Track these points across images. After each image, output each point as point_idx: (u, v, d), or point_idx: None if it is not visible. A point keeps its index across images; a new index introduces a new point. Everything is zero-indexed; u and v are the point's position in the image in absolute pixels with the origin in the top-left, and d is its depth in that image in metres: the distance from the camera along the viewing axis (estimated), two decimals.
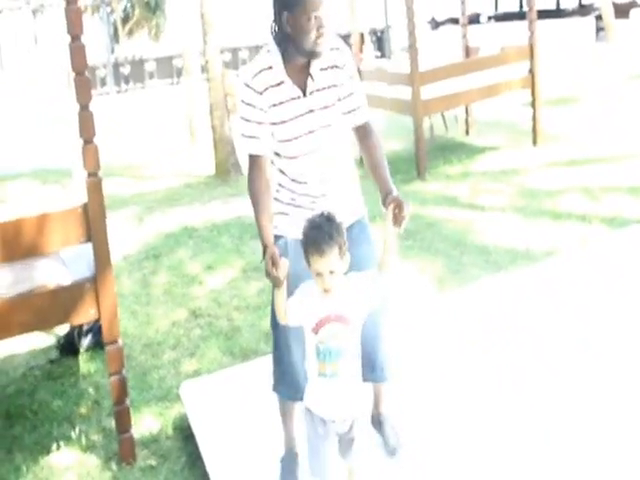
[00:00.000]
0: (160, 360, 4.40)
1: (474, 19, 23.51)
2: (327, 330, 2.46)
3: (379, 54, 26.93)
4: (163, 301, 5.34)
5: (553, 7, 24.31)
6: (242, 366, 3.96)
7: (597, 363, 3.61)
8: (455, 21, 22.51)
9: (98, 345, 4.52)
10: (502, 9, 26.10)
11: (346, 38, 26.83)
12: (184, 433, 3.57)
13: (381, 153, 2.85)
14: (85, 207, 3.17)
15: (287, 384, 2.92)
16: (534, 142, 9.10)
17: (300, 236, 2.50)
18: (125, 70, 23.78)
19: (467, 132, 10.26)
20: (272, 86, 2.65)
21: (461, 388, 3.50)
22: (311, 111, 2.70)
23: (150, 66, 24.14)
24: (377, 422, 3.19)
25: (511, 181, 7.60)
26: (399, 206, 2.57)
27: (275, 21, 2.64)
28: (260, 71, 2.65)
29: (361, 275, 2.54)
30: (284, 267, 2.48)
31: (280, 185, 2.86)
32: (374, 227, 3.09)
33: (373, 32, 26.79)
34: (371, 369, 2.96)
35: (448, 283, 5.08)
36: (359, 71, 9.25)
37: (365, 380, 2.76)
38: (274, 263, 2.48)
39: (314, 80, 2.69)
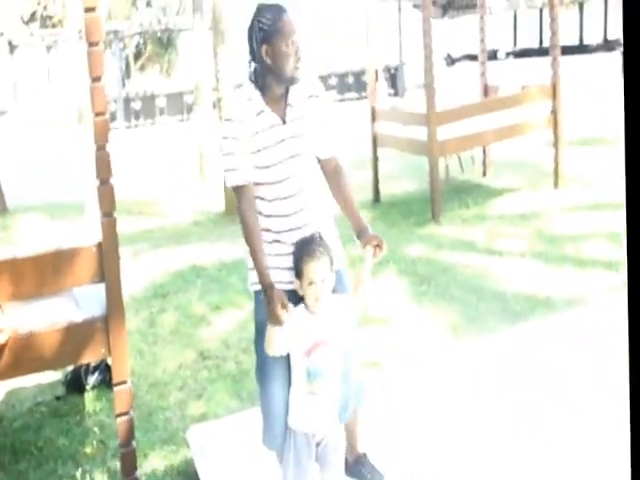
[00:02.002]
0: (166, 401, 4.49)
1: (491, 55, 23.72)
2: (319, 353, 2.79)
3: (392, 92, 27.20)
4: (170, 341, 5.44)
5: (576, 42, 24.45)
6: (250, 411, 4.03)
7: (622, 426, 3.63)
8: (472, 57, 22.69)
9: (105, 383, 4.62)
10: (521, 45, 26.25)
11: (359, 75, 27.26)
12: (189, 479, 3.64)
13: (351, 189, 3.09)
14: (99, 246, 3.29)
15: (273, 437, 3.01)
16: (555, 184, 9.16)
17: (283, 287, 2.80)
18: (136, 105, 24.11)
19: (484, 173, 10.36)
20: (251, 115, 2.86)
21: (473, 444, 3.53)
22: (293, 137, 2.91)
23: (161, 102, 24.49)
24: (355, 466, 3.28)
25: (531, 225, 7.68)
26: (379, 245, 2.93)
27: (252, 59, 2.87)
28: (240, 102, 2.89)
29: (341, 297, 2.88)
30: (289, 307, 2.75)
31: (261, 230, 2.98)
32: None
33: (387, 69, 26.99)
34: (342, 409, 3.02)
35: (463, 332, 5.12)
36: (373, 110, 9.41)
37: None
38: (284, 306, 2.74)
39: (293, 107, 2.91)
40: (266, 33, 2.80)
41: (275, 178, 2.90)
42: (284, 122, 2.89)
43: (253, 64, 2.88)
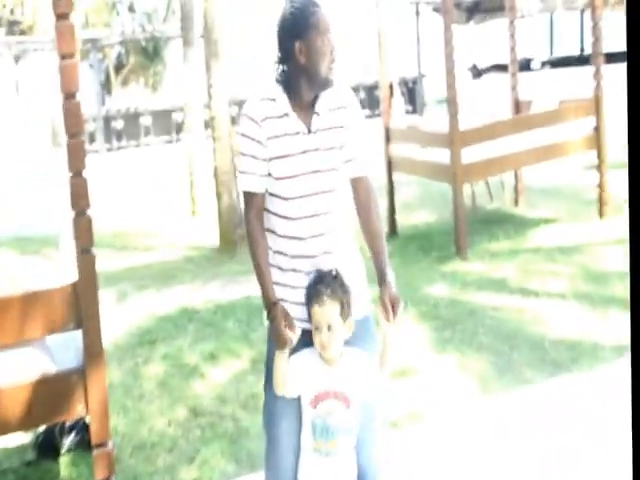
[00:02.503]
0: (154, 465, 4.47)
1: (524, 65, 23.81)
2: (326, 406, 2.80)
3: (410, 108, 27.26)
4: (158, 395, 5.42)
5: (623, 49, 24.62)
6: (249, 477, 4.01)
7: None
8: (501, 68, 22.74)
9: (82, 445, 4.57)
10: (558, 53, 26.31)
11: (371, 90, 27.37)
12: None
13: (379, 218, 3.10)
14: (76, 287, 3.28)
15: None
16: (600, 214, 9.18)
17: (296, 323, 2.81)
18: (117, 125, 24.29)
19: (516, 202, 10.40)
20: (273, 117, 2.90)
21: None
22: (317, 149, 2.94)
23: (146, 120, 24.67)
24: None
25: (572, 261, 7.69)
26: (393, 303, 2.89)
27: (282, 59, 2.92)
28: (262, 100, 2.93)
29: (365, 354, 2.86)
30: (297, 328, 2.76)
31: (270, 249, 3.02)
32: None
33: (403, 82, 27.15)
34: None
35: (494, 385, 5.10)
36: (387, 129, 9.51)
37: None
38: (288, 322, 2.78)
39: (320, 117, 2.95)
40: (301, 28, 2.85)
41: (293, 193, 2.94)
42: (309, 131, 2.94)
43: (281, 65, 2.94)
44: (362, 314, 3.04)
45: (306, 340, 2.85)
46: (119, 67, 29.35)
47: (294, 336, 2.80)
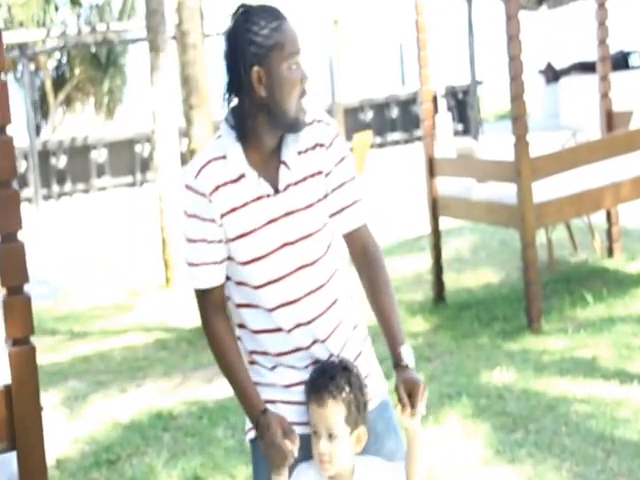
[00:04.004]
0: None
1: (619, 62, 23.52)
2: None
3: (461, 128, 27.32)
4: None
5: None
6: None
7: None
8: (587, 68, 22.51)
9: None
10: None
11: (407, 105, 27.27)
12: None
13: (389, 282, 3.19)
14: (7, 393, 3.30)
15: None
16: None
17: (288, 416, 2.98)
18: (58, 162, 24.21)
19: (610, 252, 10.43)
20: (227, 183, 3.00)
21: None
22: (290, 213, 3.04)
23: (99, 156, 24.63)
24: None
25: None
26: (412, 390, 2.96)
27: (233, 92, 3.01)
28: (208, 163, 3.01)
29: (389, 466, 2.98)
30: (297, 439, 2.89)
31: (245, 350, 3.17)
32: None
33: (451, 93, 27.23)
34: None
35: None
36: (430, 159, 9.56)
37: None
38: (286, 430, 2.91)
39: (290, 168, 3.03)
40: (260, 49, 2.91)
41: (265, 278, 3.05)
42: (277, 191, 3.02)
43: (230, 100, 3.03)
44: (378, 399, 3.19)
45: (307, 449, 2.99)
46: (60, 82, 28.81)
47: (295, 447, 2.91)
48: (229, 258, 3.05)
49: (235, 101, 3.03)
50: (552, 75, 27.28)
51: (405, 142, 26.96)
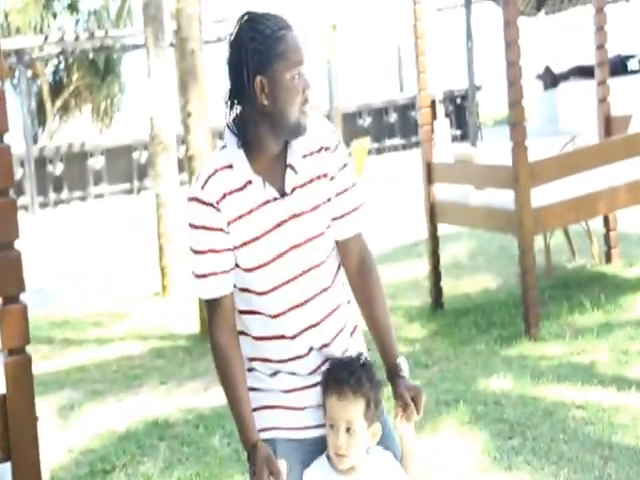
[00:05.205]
0: None
1: (617, 67, 23.37)
2: None
3: (459, 133, 27.30)
4: None
5: None
6: None
7: None
8: (586, 72, 22.37)
9: None
10: None
11: (405, 110, 27.24)
12: None
13: (384, 294, 3.24)
14: (3, 403, 3.33)
15: None
16: None
17: (291, 434, 3.00)
18: (55, 169, 24.20)
19: (608, 257, 10.43)
20: (233, 191, 3.03)
21: None
22: (295, 216, 3.08)
23: (96, 162, 24.60)
24: None
25: None
26: (416, 397, 3.05)
27: (235, 98, 3.04)
28: (214, 173, 3.04)
29: (390, 457, 3.03)
30: (283, 472, 2.91)
31: (250, 360, 3.18)
32: None
33: (449, 98, 27.16)
34: None
35: None
36: (428, 165, 9.60)
37: None
38: (272, 470, 2.92)
39: (297, 172, 3.08)
40: (263, 57, 2.95)
41: (270, 283, 3.08)
42: (282, 195, 3.06)
43: (234, 108, 3.06)
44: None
45: (316, 448, 3.03)
46: (57, 89, 28.84)
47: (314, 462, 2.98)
48: (236, 265, 3.07)
49: (238, 108, 3.06)
50: (550, 80, 27.26)
51: (403, 148, 26.95)
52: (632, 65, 25.72)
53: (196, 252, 3.08)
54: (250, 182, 3.03)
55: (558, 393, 6.89)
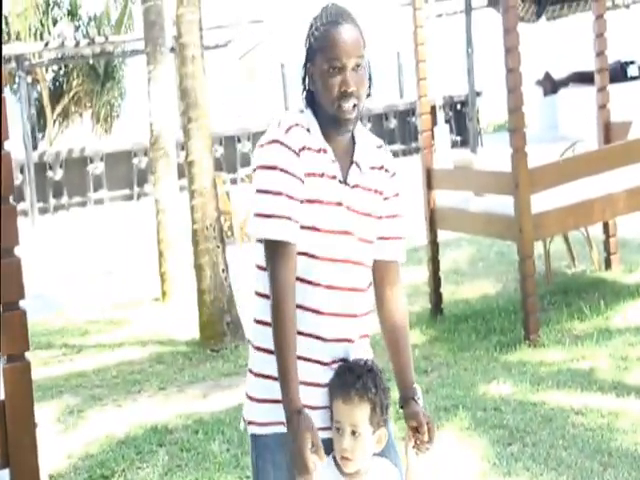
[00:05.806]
0: None
1: (617, 73, 23.26)
2: None
3: (459, 139, 27.31)
4: None
5: None
6: None
7: None
8: (585, 79, 22.38)
9: None
10: None
11: (405, 115, 27.17)
12: None
13: (406, 321, 3.32)
14: (2, 409, 3.32)
15: None
16: None
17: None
18: (55, 175, 24.21)
19: (608, 263, 10.44)
20: (311, 150, 3.12)
21: None
22: (352, 209, 3.16)
23: (96, 168, 24.59)
24: None
25: None
26: (424, 427, 3.10)
27: (303, 79, 3.20)
28: (295, 125, 3.13)
29: (394, 470, 3.06)
30: (323, 457, 2.92)
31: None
32: None
33: (449, 104, 27.19)
34: None
35: None
36: (428, 171, 9.62)
37: None
38: (314, 442, 2.90)
39: (361, 170, 3.18)
40: (311, 48, 3.13)
41: (320, 250, 3.10)
42: (345, 182, 3.16)
43: (304, 85, 3.22)
44: None
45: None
46: (57, 95, 28.90)
47: (320, 464, 2.93)
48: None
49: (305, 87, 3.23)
50: (550, 86, 27.27)
51: (403, 153, 26.82)
52: (632, 71, 25.69)
53: (267, 192, 3.06)
54: (324, 150, 3.13)
55: (557, 399, 6.92)
